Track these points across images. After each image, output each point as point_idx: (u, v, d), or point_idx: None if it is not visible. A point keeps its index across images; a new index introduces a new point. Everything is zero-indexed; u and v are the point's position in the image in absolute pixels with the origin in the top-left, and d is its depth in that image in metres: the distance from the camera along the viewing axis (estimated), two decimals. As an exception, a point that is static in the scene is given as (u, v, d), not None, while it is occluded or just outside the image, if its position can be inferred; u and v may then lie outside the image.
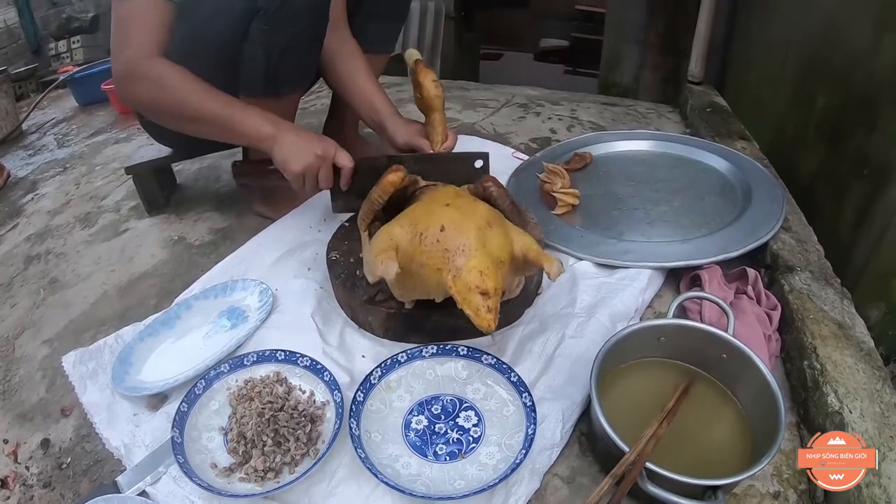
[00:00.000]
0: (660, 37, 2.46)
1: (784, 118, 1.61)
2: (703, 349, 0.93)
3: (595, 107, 2.15)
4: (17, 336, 1.30)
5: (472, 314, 0.84)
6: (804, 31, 1.55)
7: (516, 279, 1.03)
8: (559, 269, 0.91)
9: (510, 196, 1.10)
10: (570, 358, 1.00)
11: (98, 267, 1.48)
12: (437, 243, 0.91)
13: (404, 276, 0.94)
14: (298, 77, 1.35)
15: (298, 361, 1.01)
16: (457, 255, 0.90)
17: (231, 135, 1.19)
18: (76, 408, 1.07)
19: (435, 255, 0.91)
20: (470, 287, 0.85)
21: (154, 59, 1.12)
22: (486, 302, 0.84)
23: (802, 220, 1.30)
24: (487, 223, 0.94)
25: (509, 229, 0.98)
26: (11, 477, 0.99)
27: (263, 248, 1.35)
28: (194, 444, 0.91)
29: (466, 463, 0.86)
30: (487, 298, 0.85)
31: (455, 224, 0.92)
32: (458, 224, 0.92)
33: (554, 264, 0.91)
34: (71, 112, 2.80)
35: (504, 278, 0.93)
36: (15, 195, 2.00)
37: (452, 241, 0.91)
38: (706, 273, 1.12)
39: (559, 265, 0.91)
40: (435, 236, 0.92)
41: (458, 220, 0.93)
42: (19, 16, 3.55)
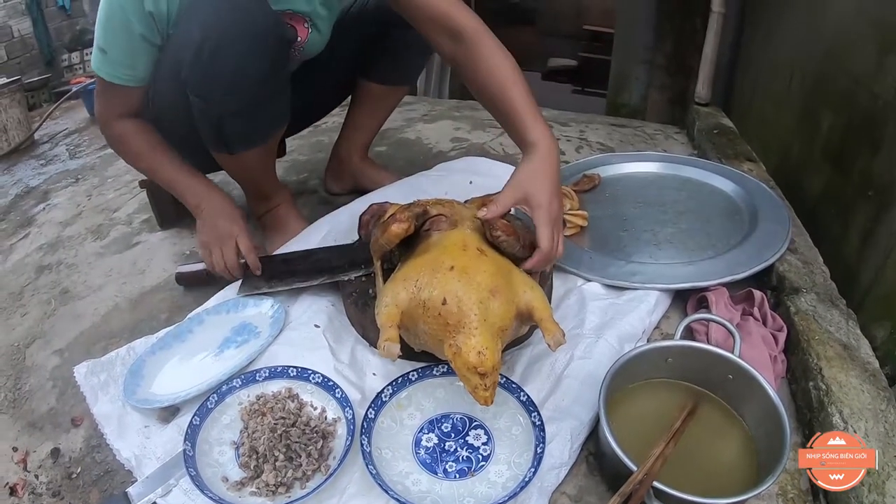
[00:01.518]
0: (667, 58, 2.48)
1: (790, 140, 1.62)
2: (709, 370, 0.93)
3: (603, 128, 2.16)
4: (28, 345, 1.31)
5: (471, 391, 0.87)
6: (809, 53, 1.56)
7: (524, 329, 1.04)
8: (559, 340, 0.92)
9: (521, 239, 1.04)
10: (578, 378, 1.00)
11: (109, 279, 1.49)
12: (438, 317, 0.91)
13: (410, 332, 0.97)
14: (249, 138, 1.30)
15: (310, 378, 1.02)
16: (457, 332, 0.89)
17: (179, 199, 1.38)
18: (87, 418, 1.07)
19: (437, 327, 0.91)
20: (469, 366, 0.86)
21: (118, 120, 1.29)
22: (484, 381, 0.86)
23: (808, 241, 1.30)
24: (490, 292, 0.92)
25: (517, 285, 0.97)
26: (20, 485, 1.00)
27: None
28: (206, 458, 0.92)
29: (476, 481, 0.87)
30: (485, 378, 0.86)
31: (457, 299, 0.91)
32: (459, 298, 0.90)
33: (555, 335, 0.92)
34: (83, 123, 2.82)
35: (506, 341, 0.95)
36: (26, 204, 2.02)
37: (453, 316, 0.90)
38: (713, 295, 1.13)
39: (560, 336, 0.92)
40: (437, 309, 0.91)
41: (460, 294, 0.91)
42: (33, 26, 3.59)
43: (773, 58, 1.81)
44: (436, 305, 0.91)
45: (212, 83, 1.14)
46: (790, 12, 1.72)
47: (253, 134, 1.29)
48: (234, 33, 1.09)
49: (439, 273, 0.94)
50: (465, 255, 0.98)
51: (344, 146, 1.69)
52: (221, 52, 1.09)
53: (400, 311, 0.94)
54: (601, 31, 4.48)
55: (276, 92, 1.25)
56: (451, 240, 1.02)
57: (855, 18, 1.35)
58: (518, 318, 0.95)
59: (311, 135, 2.02)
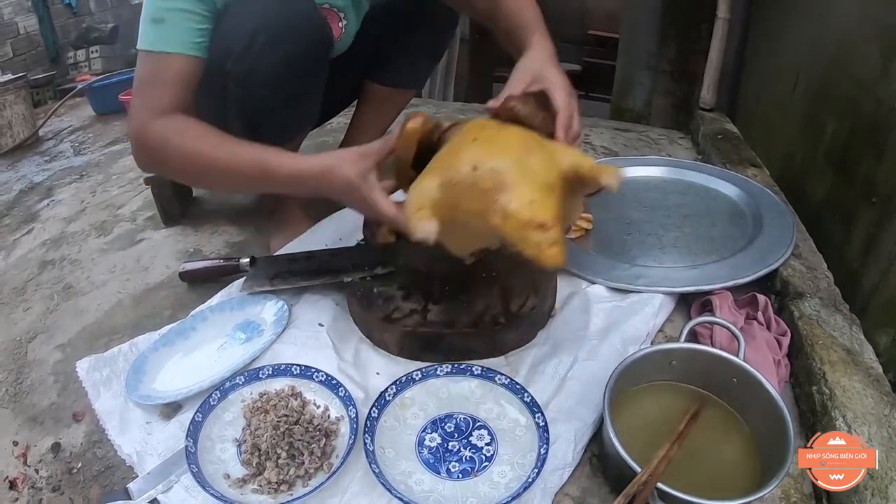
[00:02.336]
0: (672, 63, 2.48)
1: (794, 145, 1.62)
2: (713, 373, 0.93)
3: (608, 132, 2.17)
4: (30, 340, 1.30)
5: (535, 253, 0.75)
6: (814, 59, 1.57)
7: (578, 205, 0.92)
8: (619, 177, 0.81)
9: (539, 107, 0.93)
10: (582, 380, 1.00)
11: (113, 275, 1.49)
12: (474, 187, 0.79)
13: (450, 230, 0.85)
14: (280, 135, 1.25)
15: (314, 376, 1.02)
16: (498, 194, 0.78)
17: (263, 183, 1.12)
18: (88, 413, 1.07)
19: (474, 200, 0.80)
20: (522, 223, 0.75)
21: (156, 120, 1.05)
22: (546, 234, 0.74)
23: (812, 246, 1.31)
24: (524, 149, 0.81)
25: (552, 148, 0.86)
26: (20, 479, 0.99)
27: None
28: (208, 455, 0.92)
29: (479, 481, 0.87)
30: (547, 230, 0.74)
31: (487, 159, 0.80)
32: (489, 159, 0.80)
33: (613, 175, 0.81)
34: (88, 121, 2.83)
35: (560, 204, 0.81)
36: (30, 200, 2.02)
37: (489, 179, 0.79)
38: (717, 298, 1.13)
39: (618, 173, 0.81)
40: (469, 179, 0.80)
41: (488, 155, 0.80)
42: (39, 24, 3.59)
43: (778, 63, 1.81)
44: (467, 175, 0.81)
45: (258, 76, 1.14)
46: (795, 18, 1.73)
47: (284, 132, 1.30)
48: (286, 29, 1.10)
49: (462, 151, 0.84)
50: (487, 129, 0.88)
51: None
52: (271, 46, 1.09)
53: (429, 199, 0.84)
54: (606, 36, 4.47)
55: (313, 92, 1.27)
56: (466, 126, 0.92)
57: (860, 24, 1.36)
58: (564, 180, 0.83)
59: (317, 135, 2.01)
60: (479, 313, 1.09)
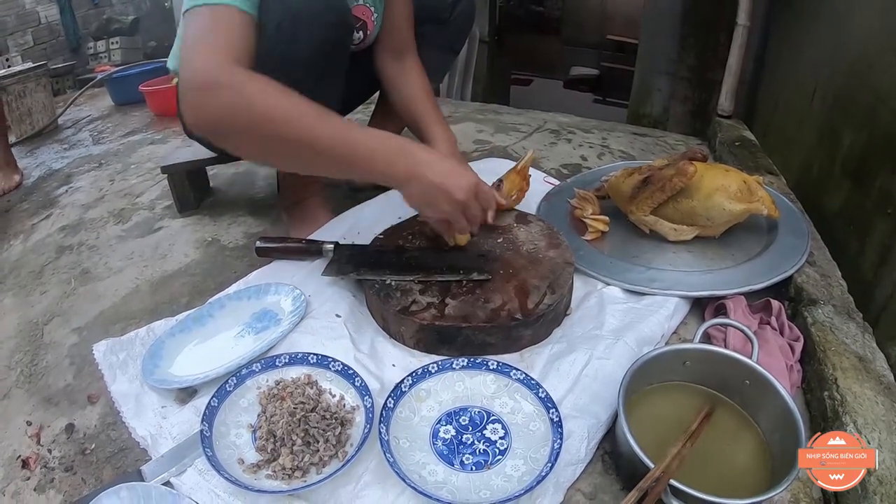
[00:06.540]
0: (690, 70, 2.48)
1: (811, 154, 1.62)
2: (726, 374, 0.94)
3: (625, 136, 2.17)
4: (47, 322, 1.32)
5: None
6: (832, 69, 1.57)
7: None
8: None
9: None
10: (596, 378, 1.01)
11: (130, 262, 1.50)
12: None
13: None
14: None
15: (330, 366, 1.03)
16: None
17: (341, 164, 1.03)
18: (103, 396, 1.08)
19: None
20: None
21: (232, 64, 0.95)
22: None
23: (827, 255, 1.31)
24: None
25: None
26: (33, 458, 1.00)
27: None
28: (222, 440, 0.93)
29: (492, 474, 0.87)
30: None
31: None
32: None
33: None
34: (107, 111, 2.86)
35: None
36: (49, 186, 2.04)
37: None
38: (731, 302, 1.14)
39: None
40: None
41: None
42: (61, 14, 3.64)
43: (797, 72, 1.81)
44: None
45: (283, 62, 1.09)
46: (814, 27, 1.73)
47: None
48: (311, 14, 1.10)
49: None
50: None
51: None
52: (299, 36, 1.10)
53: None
54: (625, 42, 4.47)
55: (335, 85, 1.27)
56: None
57: (878, 34, 1.35)
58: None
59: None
60: (495, 309, 1.09)
